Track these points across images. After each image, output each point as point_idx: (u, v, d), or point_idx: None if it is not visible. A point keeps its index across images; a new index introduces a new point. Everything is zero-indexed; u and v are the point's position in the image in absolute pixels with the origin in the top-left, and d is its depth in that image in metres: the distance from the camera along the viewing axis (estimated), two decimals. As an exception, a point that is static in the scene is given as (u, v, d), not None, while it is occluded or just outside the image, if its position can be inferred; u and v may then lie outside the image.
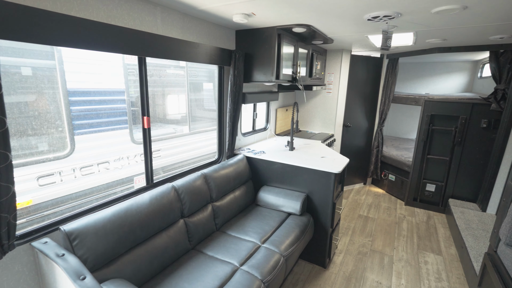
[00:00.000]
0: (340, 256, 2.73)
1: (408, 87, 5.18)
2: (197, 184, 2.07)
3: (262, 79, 2.54)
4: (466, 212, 3.18)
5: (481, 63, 4.28)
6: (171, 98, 3.60)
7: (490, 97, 3.18)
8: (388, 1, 1.62)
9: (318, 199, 2.43)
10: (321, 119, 4.14)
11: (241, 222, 2.25)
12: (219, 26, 2.38)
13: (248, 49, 2.56)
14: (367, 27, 2.31)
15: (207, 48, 2.19)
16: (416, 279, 2.42)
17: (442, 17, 1.91)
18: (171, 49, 1.88)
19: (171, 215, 1.81)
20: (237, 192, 2.46)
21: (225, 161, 2.52)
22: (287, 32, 2.54)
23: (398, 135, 5.45)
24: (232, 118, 2.56)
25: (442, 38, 2.68)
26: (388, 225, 3.36)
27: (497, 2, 1.58)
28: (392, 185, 4.21)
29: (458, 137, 3.38)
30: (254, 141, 3.28)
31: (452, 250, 2.86)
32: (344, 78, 3.89)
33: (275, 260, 1.82)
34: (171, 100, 3.60)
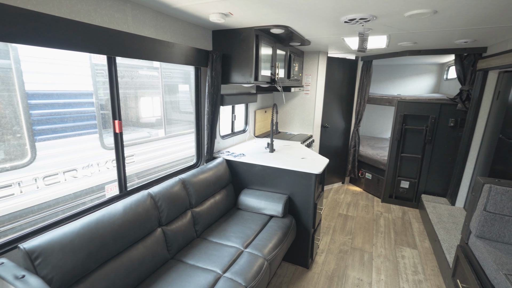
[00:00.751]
0: (322, 255, 2.74)
1: (381, 88, 5.39)
2: (175, 190, 1.97)
3: (240, 81, 2.50)
4: (437, 206, 3.35)
5: (447, 66, 4.55)
6: (144, 101, 3.45)
7: (456, 98, 3.38)
8: (364, 4, 1.64)
9: (300, 200, 2.42)
10: (299, 120, 4.17)
11: (223, 227, 2.18)
12: (195, 26, 2.30)
13: (226, 50, 2.50)
14: (343, 29, 2.35)
15: (182, 48, 2.11)
16: (394, 274, 2.49)
17: (414, 21, 1.98)
18: (143, 49, 1.78)
19: (148, 224, 1.71)
20: (218, 196, 2.39)
21: (204, 165, 2.44)
22: (265, 33, 2.52)
23: (373, 135, 5.65)
24: (210, 120, 2.48)
25: (413, 41, 2.80)
26: (367, 222, 3.45)
27: (464, 8, 1.66)
28: (369, 183, 4.34)
29: (428, 136, 3.56)
30: (234, 143, 3.22)
31: (426, 243, 2.99)
32: (321, 79, 3.95)
33: (259, 265, 1.78)
34: (144, 102, 3.44)
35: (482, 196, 1.80)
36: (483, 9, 1.70)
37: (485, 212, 1.78)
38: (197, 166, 2.63)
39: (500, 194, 1.73)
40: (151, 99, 3.54)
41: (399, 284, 2.36)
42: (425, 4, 1.62)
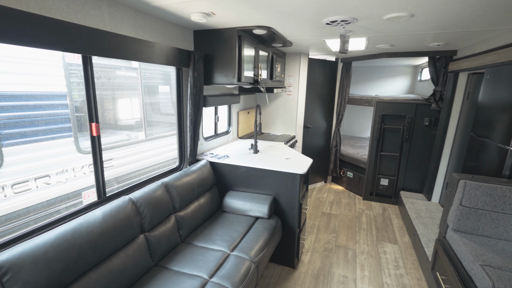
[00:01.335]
0: (308, 254, 2.77)
1: (360, 89, 5.55)
2: (157, 195, 1.90)
3: (223, 82, 2.47)
4: (415, 202, 3.49)
5: (420, 68, 4.77)
6: (123, 102, 3.32)
7: (430, 98, 3.54)
8: (345, 6, 1.67)
9: (285, 201, 2.43)
10: (282, 121, 4.20)
11: (208, 231, 2.14)
12: (176, 25, 2.24)
13: (208, 50, 2.46)
14: (324, 31, 2.39)
15: (163, 48, 2.05)
16: (377, 269, 2.56)
17: (392, 24, 2.05)
18: (121, 48, 1.70)
19: (129, 231, 1.63)
20: (202, 199, 2.34)
21: (187, 168, 2.38)
22: (248, 34, 2.51)
23: (353, 134, 5.80)
24: (193, 122, 2.43)
25: (390, 44, 2.90)
26: (349, 220, 3.52)
27: (438, 13, 1.73)
28: (351, 182, 4.44)
29: (405, 135, 3.70)
30: (217, 145, 3.17)
31: (406, 238, 3.10)
32: (303, 80, 4.00)
33: (246, 268, 1.75)
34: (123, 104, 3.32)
35: (457, 191, 1.89)
36: (455, 15, 1.79)
37: (461, 207, 1.87)
38: (180, 169, 2.56)
39: (474, 189, 1.83)
40: (130, 100, 3.42)
41: (382, 279, 2.42)
42: (403, 8, 1.67)
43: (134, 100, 3.52)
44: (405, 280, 2.41)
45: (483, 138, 2.33)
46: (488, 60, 2.40)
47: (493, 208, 1.81)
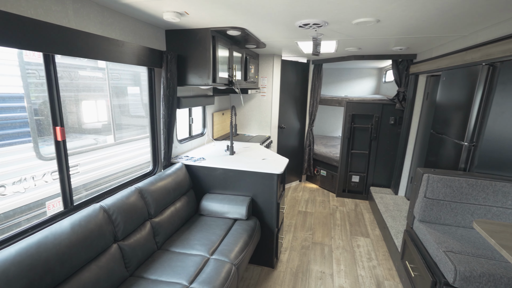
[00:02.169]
0: (286, 253, 2.81)
1: (330, 90, 5.77)
2: (131, 201, 1.81)
3: (198, 83, 2.42)
4: (384, 197, 3.70)
5: (385, 70, 5.08)
6: (87, 105, 3.12)
7: (394, 98, 3.78)
8: (318, 10, 1.73)
9: (263, 201, 2.44)
10: (257, 122, 4.23)
11: (185, 236, 2.08)
12: (147, 24, 2.16)
13: (181, 50, 2.40)
14: (297, 34, 2.45)
15: (134, 48, 1.96)
16: (352, 263, 2.67)
17: (360, 28, 2.16)
18: (88, 47, 1.60)
19: (101, 241, 1.53)
20: (178, 204, 2.27)
21: (161, 172, 2.30)
22: (221, 35, 2.49)
23: (325, 134, 6.01)
24: (167, 124, 2.36)
25: (358, 47, 3.05)
26: (324, 217, 3.64)
27: (400, 19, 1.86)
28: (324, 180, 4.59)
29: (373, 133, 3.92)
30: (192, 147, 3.11)
31: (377, 231, 3.28)
32: (277, 81, 4.06)
33: (227, 271, 1.74)
34: (87, 106, 3.12)
35: (422, 184, 2.04)
36: (415, 21, 1.93)
37: (425, 199, 2.02)
38: (154, 173, 2.47)
39: (436, 182, 1.98)
40: (96, 102, 3.23)
41: (356, 272, 2.54)
42: (370, 14, 1.77)
43: (100, 102, 3.33)
44: (377, 271, 2.55)
45: (442, 134, 2.54)
46: (444, 63, 2.62)
47: (452, 198, 1.98)
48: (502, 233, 1.29)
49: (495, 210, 1.92)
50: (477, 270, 1.52)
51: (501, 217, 1.91)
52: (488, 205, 1.93)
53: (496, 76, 1.92)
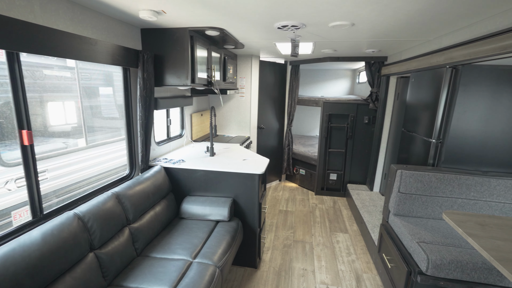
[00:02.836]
0: (268, 253, 2.83)
1: (307, 90, 5.90)
2: (108, 207, 1.73)
3: (176, 83, 2.37)
4: (360, 193, 3.85)
5: (358, 71, 5.29)
6: (55, 106, 2.94)
7: (368, 99, 3.95)
8: (296, 13, 1.77)
9: (245, 202, 2.44)
10: (236, 122, 4.22)
11: (166, 241, 2.03)
12: (122, 22, 2.08)
13: (158, 50, 2.34)
14: (276, 35, 2.48)
15: (108, 46, 1.88)
16: (332, 258, 2.75)
17: (336, 31, 2.23)
18: (58, 45, 1.51)
19: (76, 251, 1.45)
20: (158, 208, 2.21)
21: (139, 175, 2.22)
22: (200, 35, 2.46)
23: (303, 134, 6.14)
24: (144, 126, 2.28)
25: (333, 49, 3.15)
26: (305, 215, 3.71)
27: (373, 23, 1.95)
28: (303, 179, 4.69)
29: (349, 132, 4.06)
30: (170, 149, 3.03)
31: (354, 227, 3.41)
32: (255, 82, 4.08)
33: (211, 274, 1.71)
34: (54, 108, 2.94)
35: (396, 180, 2.15)
36: (387, 25, 2.04)
37: (399, 193, 2.13)
38: (131, 177, 2.38)
39: (408, 177, 2.10)
40: (64, 104, 3.05)
41: (337, 267, 2.62)
42: (346, 17, 1.84)
43: (69, 103, 3.15)
44: (356, 265, 2.65)
45: (412, 132, 2.69)
46: (412, 66, 2.79)
47: (423, 192, 2.11)
48: (467, 222, 1.40)
49: (460, 202, 2.07)
50: (447, 258, 1.63)
51: (465, 207, 2.07)
52: (454, 197, 2.08)
53: (458, 78, 2.07)
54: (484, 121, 2.10)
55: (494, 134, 2.11)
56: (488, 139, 2.12)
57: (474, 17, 1.77)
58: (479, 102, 2.08)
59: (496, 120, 2.09)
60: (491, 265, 1.59)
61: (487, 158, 2.16)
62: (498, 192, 2.00)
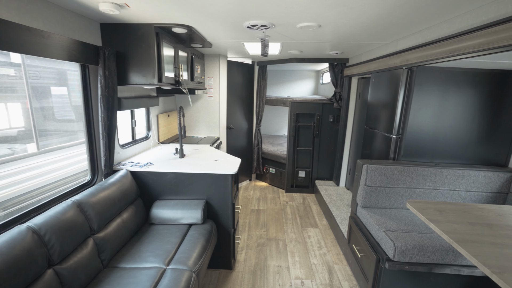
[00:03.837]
0: (243, 253, 2.81)
1: (274, 91, 6.00)
2: (68, 217, 1.57)
3: (141, 82, 2.25)
4: (328, 189, 4.02)
5: (322, 73, 5.52)
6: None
7: (332, 98, 4.14)
8: (266, 12, 1.78)
9: (218, 203, 2.40)
10: (205, 123, 4.14)
11: (136, 249, 1.90)
12: (77, 15, 1.91)
13: (120, 47, 2.19)
14: (245, 34, 2.48)
15: (63, 41, 1.71)
16: (305, 253, 2.83)
17: (303, 32, 2.30)
18: (1, 36, 1.33)
19: (32, 269, 1.29)
20: (125, 214, 2.07)
21: (103, 181, 2.06)
22: (166, 32, 2.36)
23: (271, 133, 6.23)
24: (107, 127, 2.12)
25: (300, 50, 3.25)
26: (276, 213, 3.77)
27: (339, 25, 2.05)
28: (273, 177, 4.76)
29: (316, 131, 4.22)
30: (136, 152, 2.87)
31: (324, 221, 3.54)
32: (223, 82, 4.04)
33: (186, 279, 1.65)
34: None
35: (362, 174, 2.28)
36: (350, 28, 2.15)
37: (365, 187, 2.27)
38: (94, 183, 2.20)
39: (373, 171, 2.25)
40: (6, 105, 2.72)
41: (310, 261, 2.69)
42: (314, 19, 1.91)
43: (13, 105, 2.81)
44: (327, 258, 2.75)
45: (374, 129, 2.88)
46: (372, 67, 2.98)
47: (386, 184, 2.27)
48: (428, 210, 1.53)
49: (418, 191, 2.27)
50: (410, 244, 1.77)
51: (422, 196, 2.27)
52: (412, 187, 2.27)
53: (413, 79, 2.27)
54: (436, 117, 2.33)
55: (444, 129, 2.35)
56: (439, 134, 2.36)
57: (425, 24, 1.95)
58: (431, 100, 2.30)
59: (445, 117, 2.33)
60: (447, 247, 1.77)
61: (439, 151, 2.39)
62: (449, 181, 2.23)
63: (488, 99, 2.27)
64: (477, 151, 2.38)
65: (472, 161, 2.40)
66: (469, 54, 1.62)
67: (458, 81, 2.24)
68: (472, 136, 2.35)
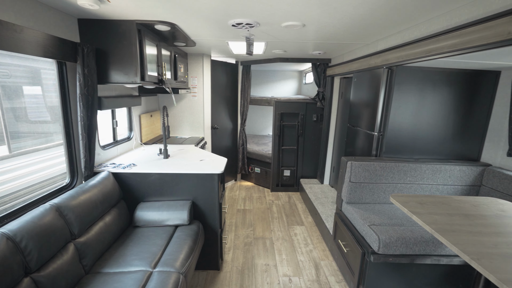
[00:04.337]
0: (230, 253, 2.79)
1: (258, 91, 6.02)
2: (46, 221, 1.49)
3: (123, 80, 2.18)
4: (312, 187, 4.08)
5: (305, 73, 5.60)
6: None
7: (315, 98, 4.22)
8: (251, 10, 1.78)
9: (205, 203, 2.37)
10: (189, 123, 4.07)
11: (121, 253, 1.84)
12: (53, 9, 1.82)
13: (100, 44, 2.11)
14: (229, 33, 2.47)
15: (38, 36, 1.62)
16: (292, 251, 2.85)
17: (288, 31, 2.33)
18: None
19: (7, 278, 1.21)
20: (108, 217, 1.99)
21: (83, 184, 1.97)
22: (148, 29, 2.30)
23: (256, 133, 6.24)
24: (87, 128, 2.04)
25: (283, 49, 3.28)
26: (262, 212, 3.78)
27: (322, 24, 2.09)
28: (259, 177, 4.77)
29: (300, 130, 4.28)
30: (118, 153, 2.77)
31: (309, 218, 3.59)
32: (207, 82, 4.00)
33: (174, 281, 1.61)
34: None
35: (347, 171, 2.34)
36: (333, 28, 2.20)
37: (350, 183, 2.32)
38: (73, 186, 2.10)
39: (358, 168, 2.31)
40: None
41: (297, 258, 2.72)
42: (298, 18, 1.93)
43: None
44: (314, 254, 2.79)
45: (356, 127, 2.96)
46: (354, 67, 3.07)
47: (370, 180, 2.34)
48: (410, 203, 1.60)
49: (399, 186, 2.35)
50: (394, 236, 1.84)
51: (403, 191, 2.37)
52: (394, 182, 2.36)
53: (393, 78, 2.36)
54: (414, 115, 2.43)
55: (422, 126, 2.46)
56: (418, 131, 2.46)
57: (404, 25, 2.04)
58: (410, 98, 2.40)
59: (423, 114, 2.44)
60: (428, 238, 1.85)
61: (418, 147, 2.50)
62: (428, 175, 2.33)
63: (461, 98, 2.41)
64: (453, 147, 2.51)
65: (448, 156, 2.53)
66: (444, 54, 1.71)
67: (434, 80, 2.36)
68: (448, 133, 2.48)
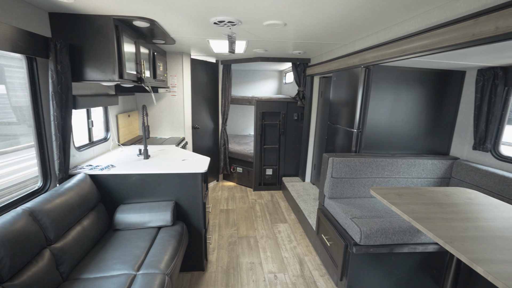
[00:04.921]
0: (214, 253, 2.77)
1: (238, 90, 6.01)
2: (18, 227, 1.39)
3: (100, 78, 2.09)
4: (294, 185, 4.15)
5: (285, 72, 5.68)
6: None
7: (296, 97, 4.29)
8: (234, 8, 1.79)
9: (188, 203, 2.33)
10: (169, 123, 3.98)
11: (101, 257, 1.76)
12: (21, 2, 1.71)
13: (74, 39, 2.01)
14: (210, 31, 2.45)
15: (5, 29, 1.51)
16: (276, 248, 2.88)
17: (269, 30, 2.35)
18: None
19: (-24, 288, 1.12)
20: (86, 221, 1.90)
21: (58, 187, 1.86)
22: (126, 25, 2.23)
23: (237, 133, 6.23)
24: (60, 128, 1.93)
25: (264, 49, 3.30)
26: (246, 211, 3.78)
27: (303, 24, 2.13)
28: (241, 177, 4.76)
29: (281, 129, 4.33)
30: (95, 155, 2.65)
31: (292, 216, 3.65)
32: (187, 81, 3.94)
33: (159, 283, 1.57)
34: None
35: (329, 167, 2.40)
36: (313, 27, 2.26)
37: (332, 179, 2.39)
38: (46, 189, 1.98)
39: (339, 163, 2.38)
40: None
41: (281, 255, 2.75)
42: (280, 17, 1.96)
43: None
44: (298, 250, 2.84)
45: (336, 125, 3.06)
46: (333, 66, 3.16)
47: (350, 175, 2.42)
48: (389, 194, 1.68)
49: (378, 180, 2.46)
50: (374, 228, 1.92)
51: (381, 184, 2.48)
52: (373, 177, 2.46)
53: (371, 77, 2.46)
54: (390, 112, 2.56)
55: (397, 123, 2.59)
56: (393, 127, 2.59)
57: (380, 25, 2.13)
58: (386, 96, 2.51)
59: (398, 112, 2.57)
60: (405, 227, 1.95)
61: (394, 143, 2.62)
62: (403, 169, 2.46)
63: (432, 96, 2.56)
64: (425, 142, 2.66)
65: (421, 151, 2.68)
66: (417, 54, 1.81)
67: (408, 79, 2.49)
68: (421, 129, 2.63)
